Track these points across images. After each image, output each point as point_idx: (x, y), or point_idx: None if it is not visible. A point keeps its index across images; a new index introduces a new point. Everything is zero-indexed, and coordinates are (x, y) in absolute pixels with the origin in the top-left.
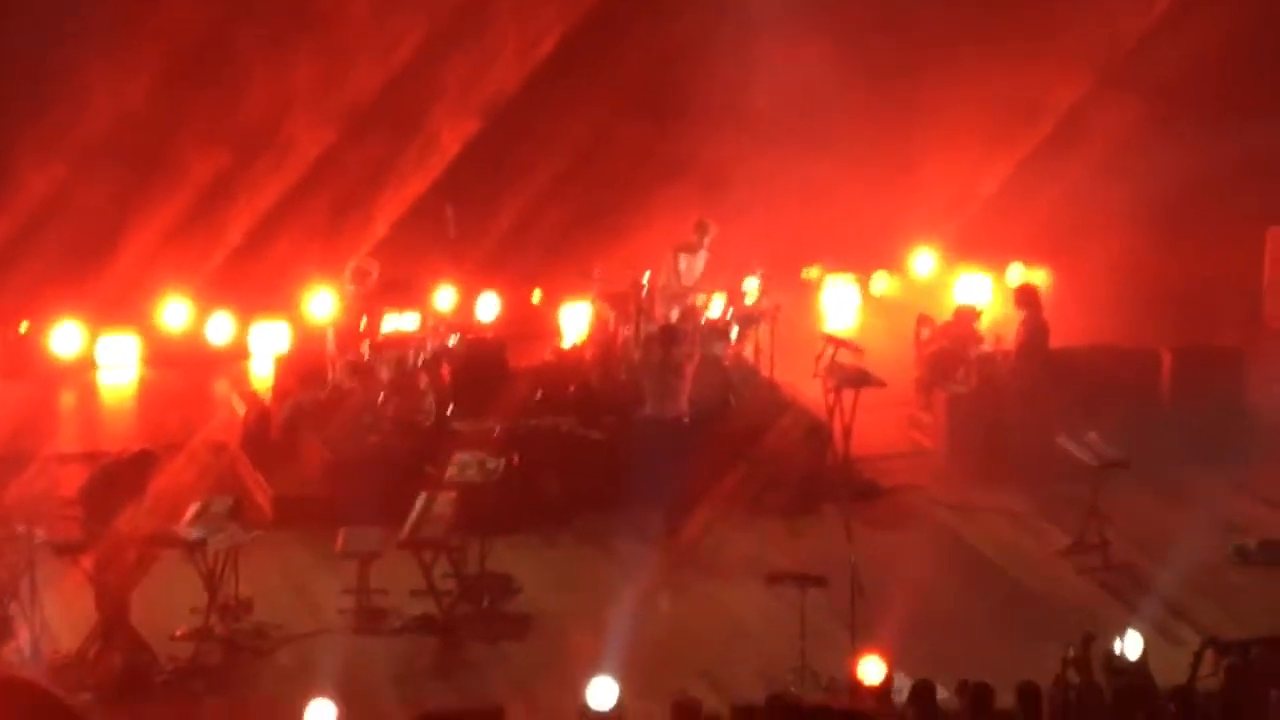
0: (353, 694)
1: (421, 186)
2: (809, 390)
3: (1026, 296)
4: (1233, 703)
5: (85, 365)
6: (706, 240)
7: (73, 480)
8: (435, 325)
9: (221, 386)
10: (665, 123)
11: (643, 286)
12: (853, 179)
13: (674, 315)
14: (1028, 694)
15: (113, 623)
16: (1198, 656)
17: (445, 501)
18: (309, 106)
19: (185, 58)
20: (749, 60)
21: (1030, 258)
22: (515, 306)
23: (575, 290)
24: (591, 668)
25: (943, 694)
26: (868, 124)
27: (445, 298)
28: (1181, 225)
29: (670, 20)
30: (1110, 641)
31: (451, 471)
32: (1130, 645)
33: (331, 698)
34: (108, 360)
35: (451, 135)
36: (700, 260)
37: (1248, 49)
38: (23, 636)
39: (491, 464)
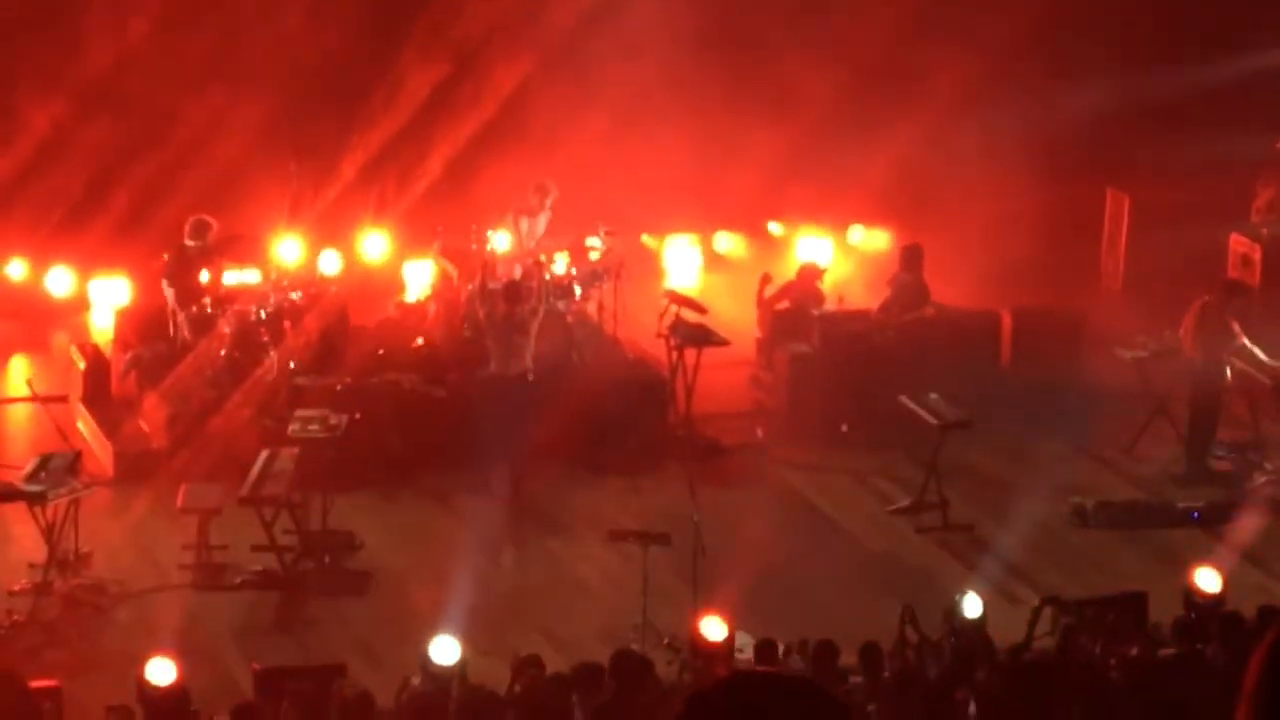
0: (193, 650)
1: (265, 141)
2: (652, 348)
3: (910, 257)
4: (1067, 660)
5: None
6: (548, 202)
7: None
8: (277, 280)
9: (60, 339)
10: (508, 79)
11: (486, 243)
12: (692, 140)
13: (517, 272)
14: (870, 652)
15: None
16: (1035, 614)
17: (287, 457)
18: (150, 60)
19: (22, 6)
20: (592, 17)
21: (871, 219)
22: (357, 261)
23: (418, 246)
24: (433, 624)
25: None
26: (705, 86)
27: (288, 252)
28: (1022, 185)
29: None
30: (949, 600)
31: (294, 427)
32: (969, 604)
33: (171, 654)
34: None
35: (294, 90)
36: (542, 221)
37: (1089, 6)
38: None
39: (334, 420)
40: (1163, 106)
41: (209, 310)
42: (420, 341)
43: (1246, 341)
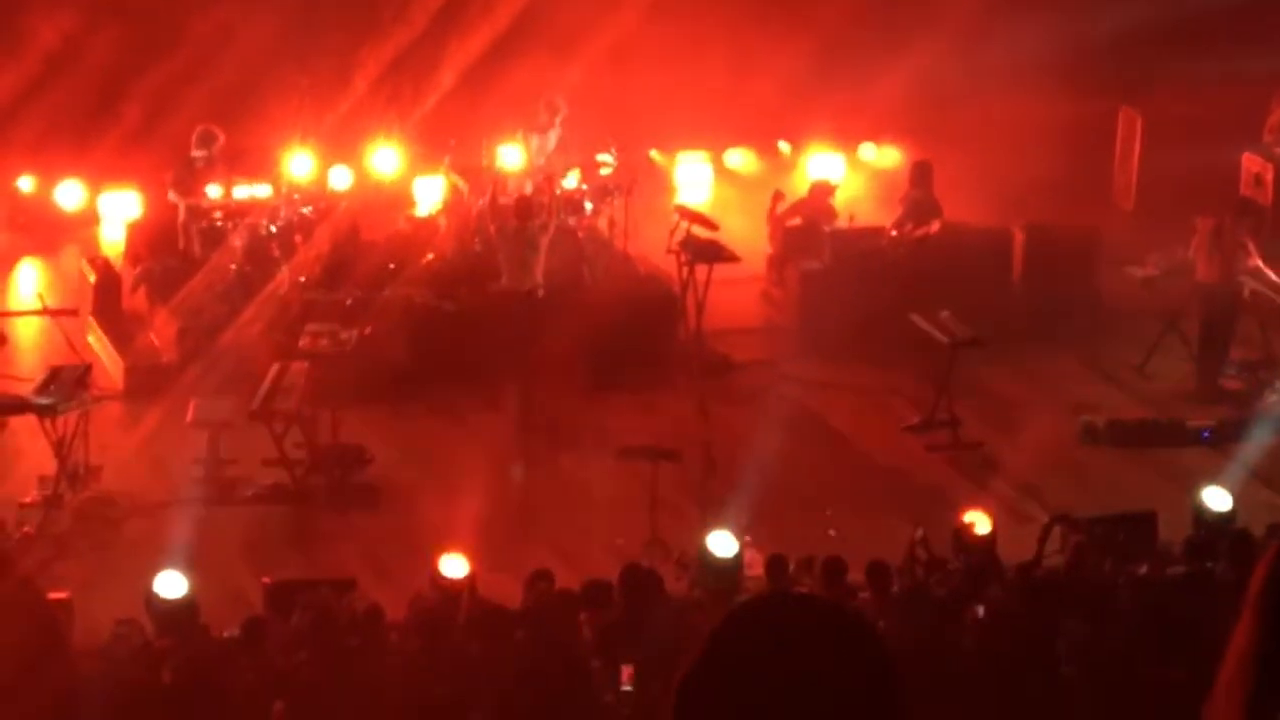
0: (203, 563)
1: (275, 54)
2: (663, 264)
3: (920, 174)
4: (1077, 578)
5: None
6: (558, 119)
7: None
8: (288, 194)
9: (71, 253)
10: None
11: (497, 158)
12: (703, 54)
13: (528, 188)
14: (877, 569)
15: None
16: (1045, 532)
17: (298, 372)
18: None
19: None
20: None
21: (882, 137)
22: (368, 176)
23: (429, 161)
24: (443, 539)
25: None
26: (718, 6)
27: (299, 167)
28: (1036, 103)
29: None
30: (958, 517)
31: (304, 342)
32: (978, 522)
33: (181, 567)
34: None
35: (304, 1)
36: (552, 138)
37: None
38: None
39: (344, 334)
40: (1179, 23)
41: (219, 224)
42: (431, 256)
43: (1260, 262)
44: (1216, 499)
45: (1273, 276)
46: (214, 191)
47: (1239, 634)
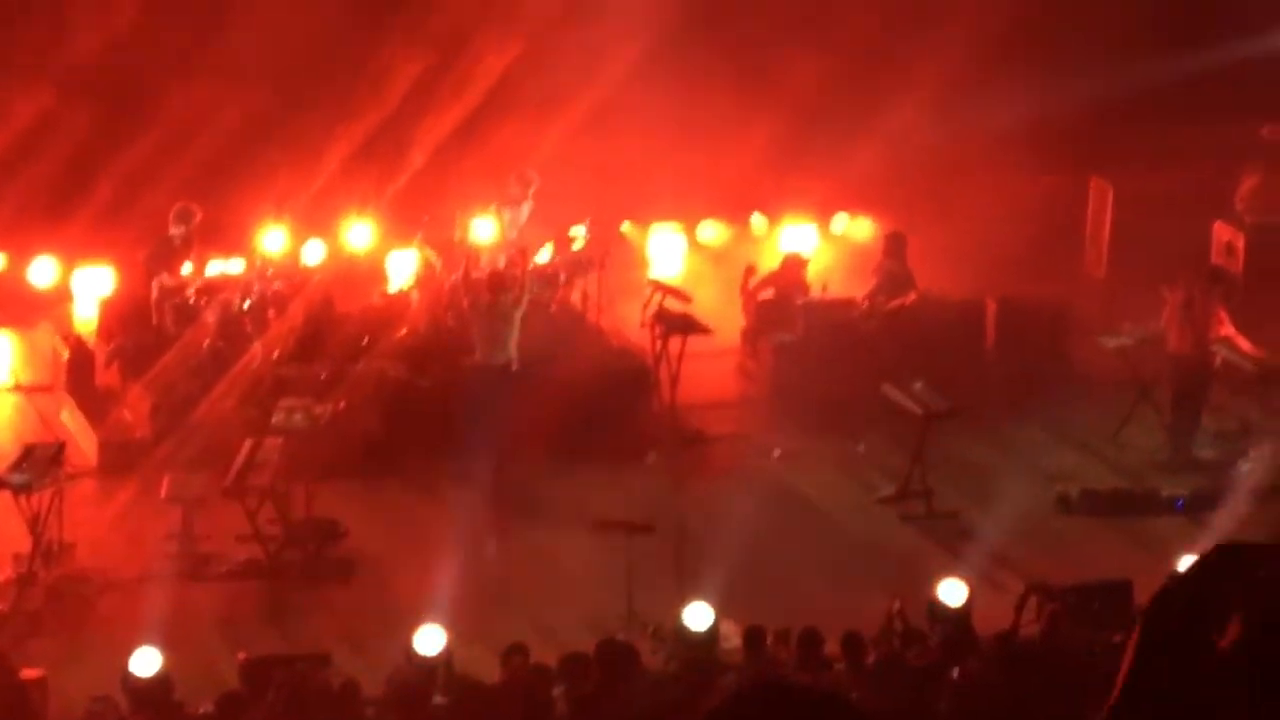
0: (178, 640)
1: (250, 131)
2: (637, 338)
3: (894, 245)
4: (1054, 647)
5: None
6: (530, 191)
7: None
8: (261, 269)
9: (45, 330)
10: (493, 68)
11: (470, 232)
12: (679, 129)
13: (501, 262)
14: (852, 640)
15: None
16: (1021, 602)
17: (271, 447)
18: (135, 46)
19: None
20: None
21: (854, 208)
22: (341, 251)
23: (403, 236)
24: (418, 614)
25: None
26: (693, 75)
27: (273, 242)
28: (1005, 175)
29: None
30: (934, 588)
31: (278, 417)
32: (954, 593)
33: (156, 644)
34: None
35: (280, 79)
36: (525, 211)
37: None
38: None
39: (318, 409)
40: (1146, 96)
41: (193, 300)
42: (404, 331)
43: (1231, 331)
44: None
45: (1244, 346)
46: (187, 267)
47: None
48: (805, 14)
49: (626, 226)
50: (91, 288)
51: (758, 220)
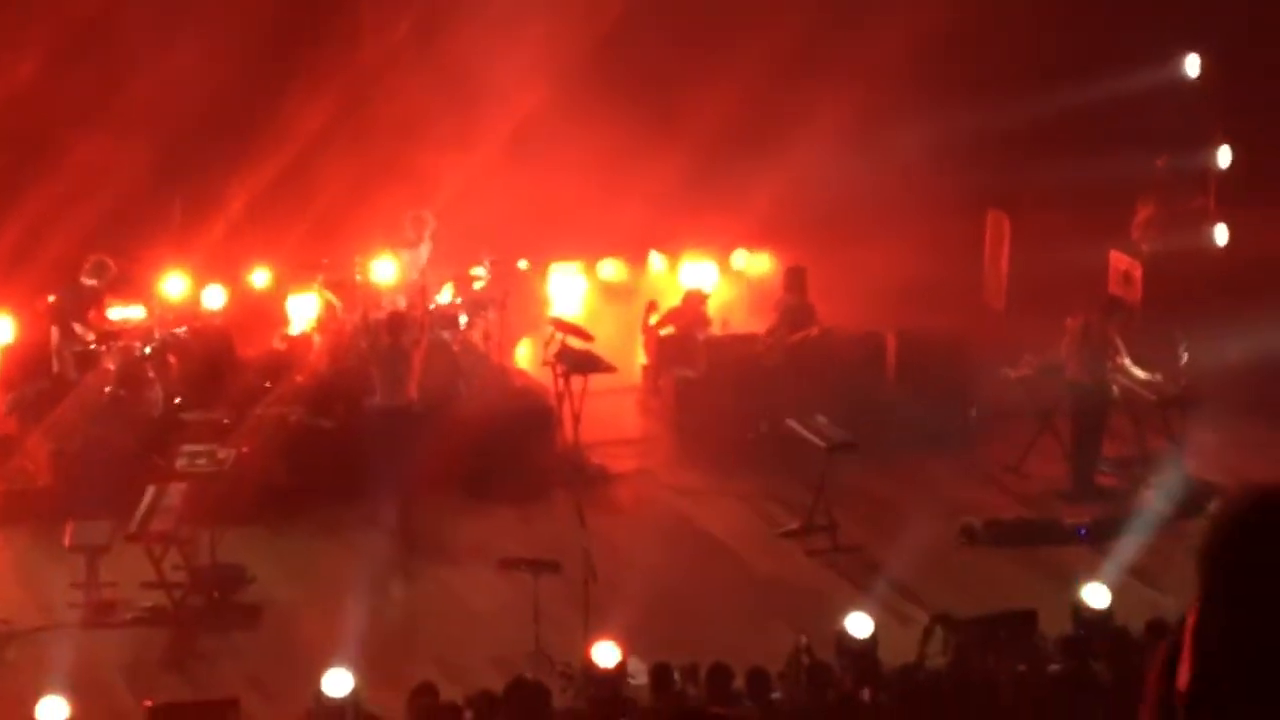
0: (84, 688)
1: (150, 178)
2: (539, 376)
3: (794, 280)
4: (960, 678)
5: None
6: (426, 233)
7: None
8: (161, 314)
9: None
10: (392, 109)
11: (369, 274)
12: (576, 166)
13: (401, 303)
14: (757, 676)
15: None
16: (926, 633)
17: (175, 493)
18: (37, 99)
19: None
20: (477, 45)
21: (754, 243)
22: (242, 295)
23: (302, 279)
24: (326, 657)
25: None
26: (590, 112)
27: (172, 287)
28: (902, 209)
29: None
30: (840, 621)
31: (181, 462)
32: (860, 626)
33: (63, 693)
34: None
35: (179, 127)
36: (423, 252)
37: (971, 30)
38: None
39: (221, 454)
40: (1041, 128)
41: (93, 346)
42: (306, 374)
43: (1127, 360)
44: (1095, 596)
45: (1139, 374)
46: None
47: None
48: (704, 51)
49: (525, 265)
50: None
51: (656, 258)
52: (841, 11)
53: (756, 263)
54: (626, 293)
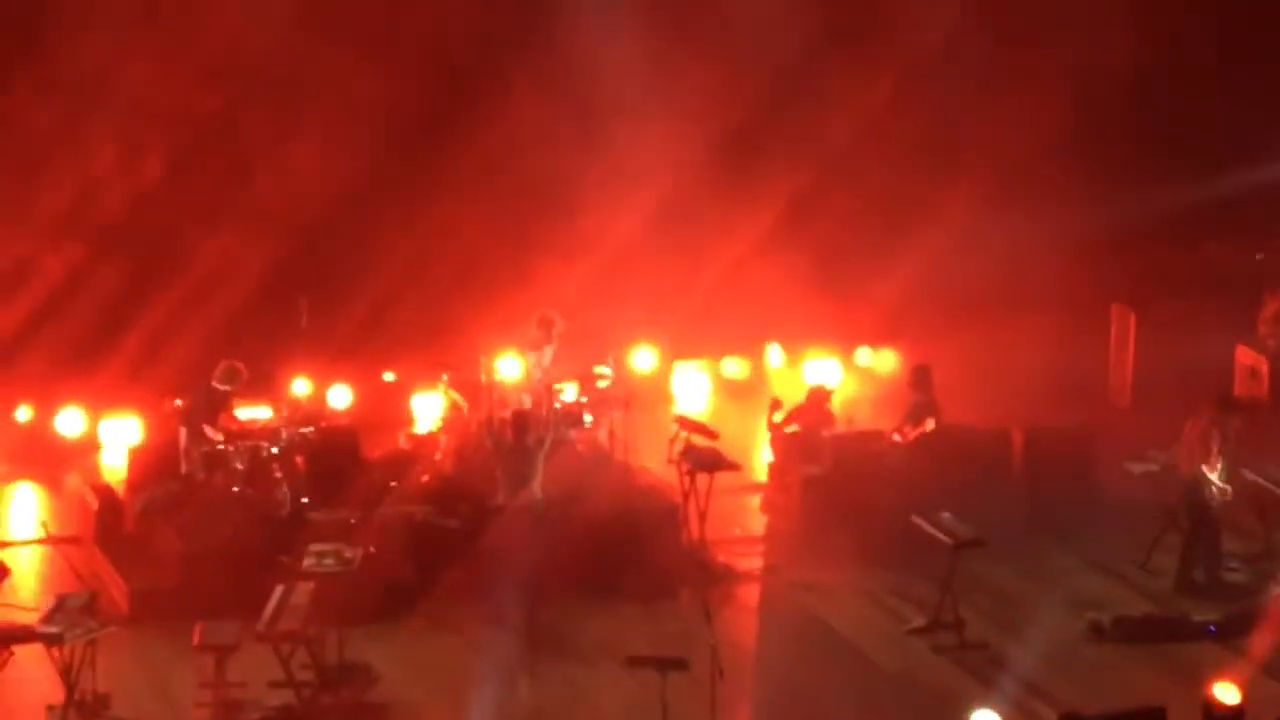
0: None
1: (275, 278)
2: (664, 474)
3: (920, 378)
4: None
5: None
6: (554, 333)
7: None
8: (289, 415)
9: (73, 480)
10: (511, 208)
11: (494, 373)
12: (700, 265)
13: (526, 401)
14: None
15: None
16: None
17: (302, 592)
18: (158, 201)
19: (31, 149)
20: (594, 145)
21: (877, 340)
22: (368, 395)
23: (427, 378)
24: None
25: None
26: (712, 210)
27: (298, 387)
28: (1027, 303)
29: (513, 108)
30: (968, 718)
31: (308, 562)
32: None
33: None
34: None
35: (302, 227)
36: (548, 353)
37: (1096, 127)
38: None
39: (348, 553)
40: (1167, 221)
41: (221, 447)
42: (431, 473)
43: (1217, 463)
44: (1225, 693)
45: (1214, 478)
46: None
47: None
48: (826, 149)
49: (651, 362)
50: (119, 437)
51: (775, 351)
52: (968, 104)
53: (881, 359)
54: (750, 390)
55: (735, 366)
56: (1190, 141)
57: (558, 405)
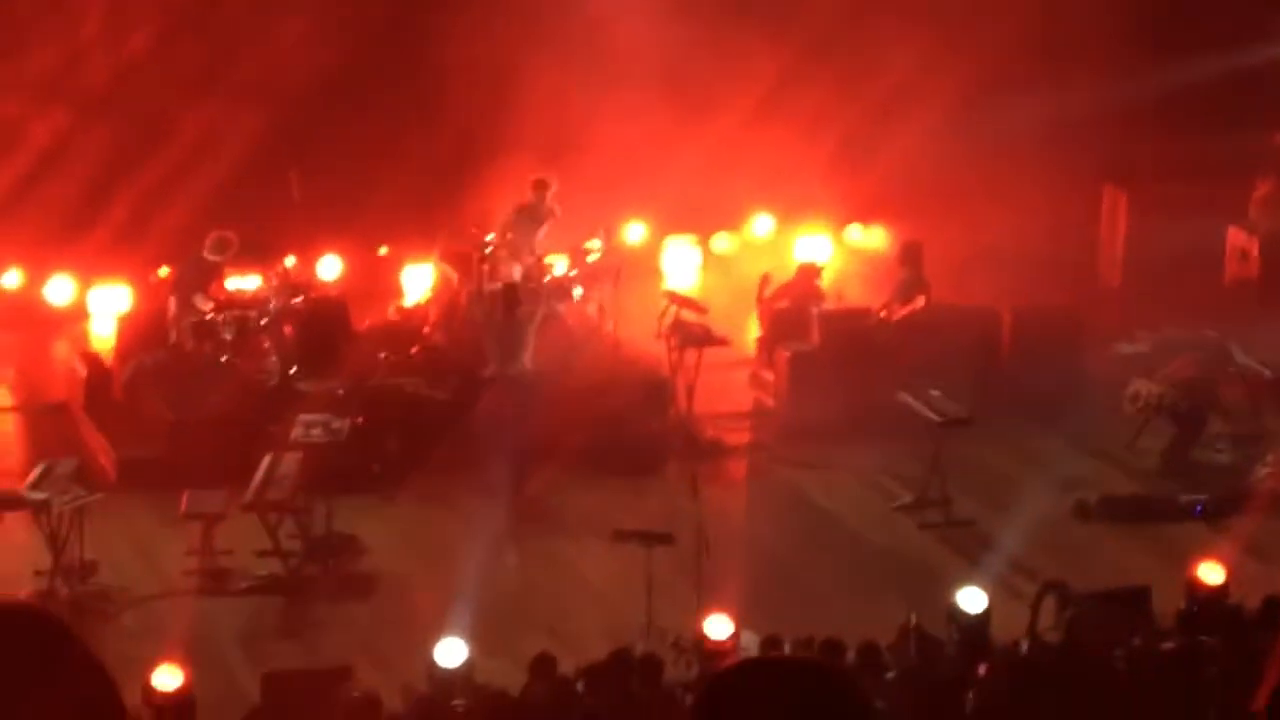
0: (199, 656)
1: (264, 149)
2: (653, 349)
3: (909, 255)
4: (1072, 653)
5: None
6: (548, 196)
7: None
8: (278, 285)
9: (61, 348)
10: (507, 79)
11: (486, 245)
12: (690, 140)
13: (517, 274)
14: (868, 650)
15: None
16: (1037, 600)
17: (290, 462)
18: (150, 69)
19: (22, 14)
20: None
21: (868, 217)
22: (358, 266)
23: (419, 250)
24: (438, 627)
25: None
26: (702, 85)
27: (288, 258)
28: (1018, 183)
29: None
30: (952, 595)
31: (296, 432)
32: (973, 600)
33: (178, 660)
34: None
35: (293, 98)
36: (543, 221)
37: (1084, 5)
38: None
39: (336, 424)
40: (1160, 103)
41: (210, 317)
42: (420, 345)
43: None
44: (1210, 573)
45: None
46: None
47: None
48: (819, 24)
49: (641, 236)
50: (108, 306)
51: (764, 222)
52: None
53: (870, 237)
54: (740, 265)
55: (725, 241)
56: (1189, 20)
57: (547, 279)
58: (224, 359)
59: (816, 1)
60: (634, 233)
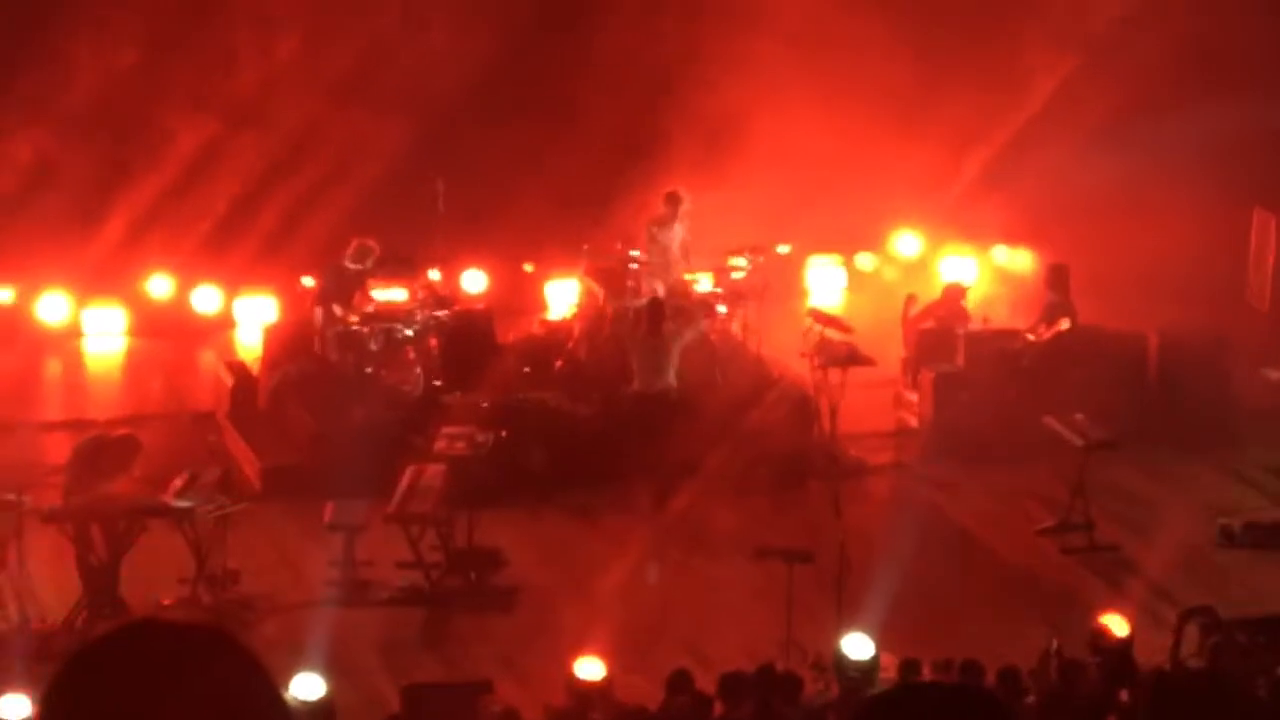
0: (339, 666)
1: (410, 159)
2: (796, 367)
3: (1056, 277)
4: (1217, 681)
5: (71, 334)
6: (681, 210)
7: (58, 449)
8: (424, 298)
9: (208, 357)
10: (654, 96)
11: (631, 261)
12: (837, 157)
13: (661, 291)
14: (1008, 674)
15: (100, 592)
16: (1180, 626)
17: (433, 474)
18: (296, 79)
19: (171, 24)
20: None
21: (1014, 239)
22: (503, 280)
23: (564, 265)
24: (578, 641)
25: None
26: (850, 103)
27: (434, 271)
28: (1167, 206)
29: None
30: (1095, 621)
31: (440, 444)
32: (1116, 626)
33: (318, 670)
34: (94, 329)
35: (439, 108)
36: (678, 232)
37: (1235, 27)
38: (9, 604)
39: (480, 437)
40: None
41: (356, 328)
42: (564, 360)
43: None
44: None
45: None
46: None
47: None
48: (970, 46)
49: (786, 254)
50: (254, 315)
51: (909, 241)
52: (1108, 5)
53: (1016, 258)
54: (885, 285)
55: (869, 261)
56: None
57: (692, 295)
58: (369, 370)
59: (965, 20)
60: (779, 250)
